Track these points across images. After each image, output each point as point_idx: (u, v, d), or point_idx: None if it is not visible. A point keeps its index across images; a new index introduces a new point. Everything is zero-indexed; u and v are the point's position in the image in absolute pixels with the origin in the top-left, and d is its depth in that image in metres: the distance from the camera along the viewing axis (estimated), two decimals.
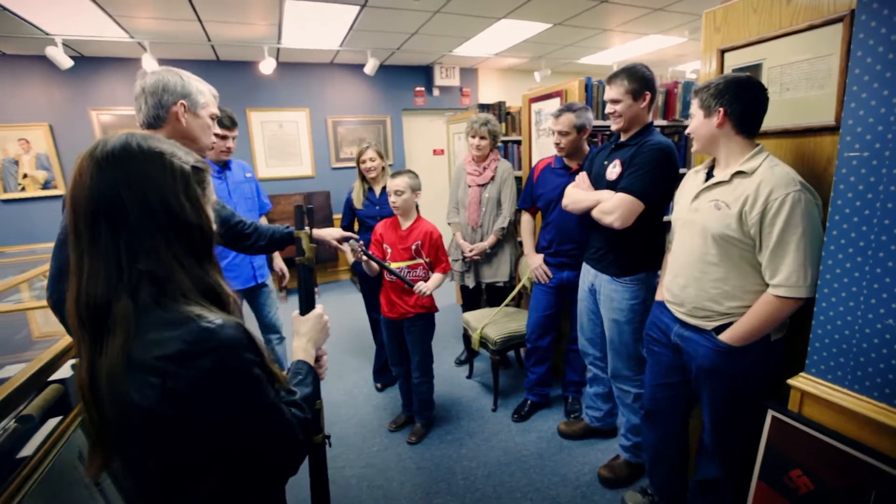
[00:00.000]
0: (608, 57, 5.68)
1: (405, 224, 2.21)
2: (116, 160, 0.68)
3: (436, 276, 2.19)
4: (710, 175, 1.43)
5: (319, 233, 1.70)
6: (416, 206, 2.32)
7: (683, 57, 5.96)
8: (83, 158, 0.68)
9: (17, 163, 4.23)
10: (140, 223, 0.66)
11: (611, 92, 1.75)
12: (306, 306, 1.05)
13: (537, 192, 2.35)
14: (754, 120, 1.32)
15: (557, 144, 2.18)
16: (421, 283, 2.12)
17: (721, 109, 1.30)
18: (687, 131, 1.45)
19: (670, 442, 1.68)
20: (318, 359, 1.02)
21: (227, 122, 2.21)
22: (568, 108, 2.12)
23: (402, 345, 2.35)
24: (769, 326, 1.29)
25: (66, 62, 3.71)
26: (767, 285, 1.28)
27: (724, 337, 1.35)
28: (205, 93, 1.28)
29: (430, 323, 2.30)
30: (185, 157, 0.74)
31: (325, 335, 1.05)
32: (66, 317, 1.05)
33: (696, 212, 1.40)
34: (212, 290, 0.73)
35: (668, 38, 4.91)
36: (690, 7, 3.90)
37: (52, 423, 1.35)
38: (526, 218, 2.48)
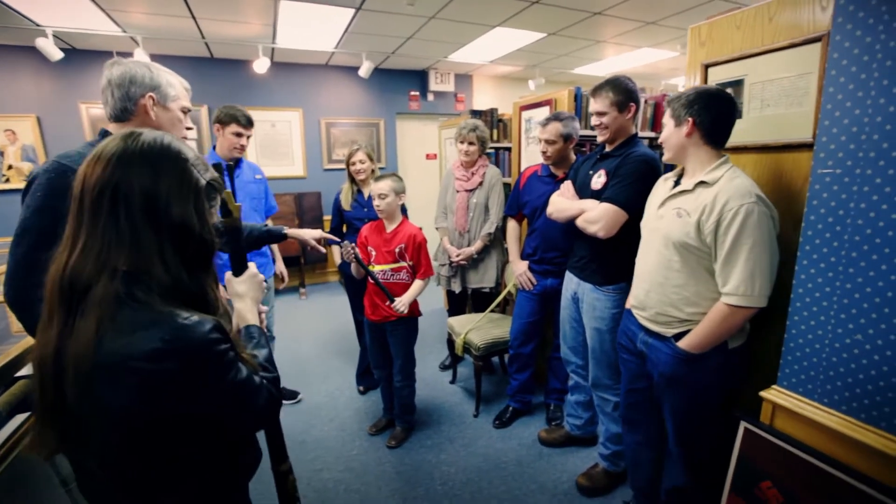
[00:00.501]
0: (602, 68, 5.75)
1: (389, 227, 2.20)
2: (142, 152, 0.71)
3: (415, 285, 2.19)
4: (678, 184, 1.46)
5: (299, 232, 1.70)
6: (404, 209, 2.32)
7: (676, 70, 6.04)
8: (112, 142, 0.71)
9: (2, 154, 4.17)
10: (139, 215, 0.69)
11: (596, 104, 1.76)
12: (239, 267, 1.05)
13: (523, 199, 2.37)
14: (722, 131, 1.35)
15: (544, 153, 2.19)
16: (398, 298, 2.13)
17: (690, 119, 1.33)
18: (659, 140, 1.48)
19: (646, 448, 1.70)
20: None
21: (244, 121, 2.26)
22: (555, 118, 2.14)
23: (384, 348, 2.34)
24: (723, 334, 1.32)
25: (57, 54, 3.67)
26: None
27: (682, 343, 1.38)
28: (175, 85, 1.24)
29: (413, 327, 2.30)
30: (203, 172, 0.78)
31: (262, 292, 1.06)
32: (25, 313, 1.03)
33: (660, 219, 1.44)
34: (195, 295, 0.75)
35: (660, 51, 4.98)
36: (682, 22, 3.96)
37: (20, 419, 1.33)
38: (512, 224, 2.49)
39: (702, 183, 1.34)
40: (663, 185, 1.53)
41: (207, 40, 4.17)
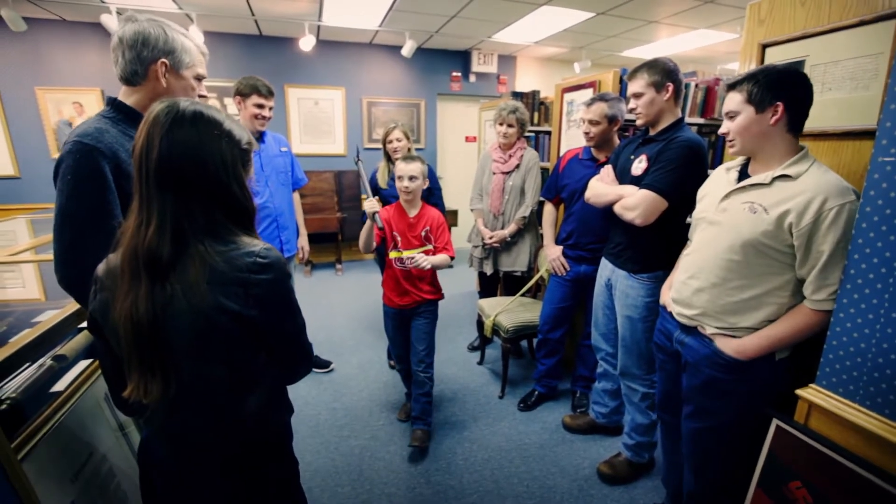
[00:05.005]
0: (653, 51, 5.48)
1: (412, 212, 2.13)
2: (191, 126, 0.78)
3: (440, 256, 2.09)
4: (743, 174, 1.33)
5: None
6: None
7: (734, 55, 5.68)
8: (157, 119, 0.77)
9: (70, 124, 4.48)
10: (198, 190, 0.78)
11: (633, 86, 1.70)
12: None
13: (562, 182, 2.32)
14: (805, 116, 1.21)
15: (587, 134, 2.14)
16: (423, 255, 2.00)
17: (780, 104, 1.16)
18: (723, 130, 1.30)
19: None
20: None
21: (265, 91, 2.26)
22: (600, 98, 2.08)
23: (408, 339, 2.25)
24: (796, 340, 1.23)
25: None
26: (791, 298, 1.23)
27: (733, 346, 1.29)
28: (191, 51, 1.15)
29: (437, 310, 2.24)
30: (239, 134, 0.84)
31: None
32: (78, 291, 1.05)
33: (724, 212, 1.31)
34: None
35: (718, 33, 4.69)
36: (743, 1, 3.70)
37: (83, 364, 1.46)
38: (549, 208, 2.46)
39: (783, 177, 1.18)
40: (724, 176, 1.37)
41: (257, 17, 4.27)
